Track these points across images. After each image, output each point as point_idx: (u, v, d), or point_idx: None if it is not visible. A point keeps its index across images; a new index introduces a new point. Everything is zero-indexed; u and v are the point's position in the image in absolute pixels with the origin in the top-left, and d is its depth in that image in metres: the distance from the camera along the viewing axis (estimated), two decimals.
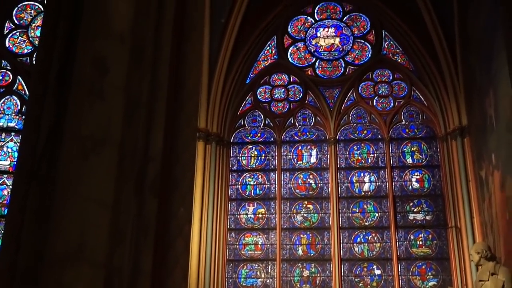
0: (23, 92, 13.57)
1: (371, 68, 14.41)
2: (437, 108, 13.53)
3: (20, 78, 13.71)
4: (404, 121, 13.87)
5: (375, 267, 12.68)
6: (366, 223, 13.04)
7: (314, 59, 14.69)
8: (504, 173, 9.77)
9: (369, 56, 14.49)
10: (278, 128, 14.11)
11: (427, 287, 12.40)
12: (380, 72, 14.39)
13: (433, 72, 13.64)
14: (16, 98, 13.61)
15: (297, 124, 14.21)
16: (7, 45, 14.01)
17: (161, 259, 3.94)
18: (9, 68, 13.82)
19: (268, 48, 14.78)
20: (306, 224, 13.21)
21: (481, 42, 11.03)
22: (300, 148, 13.94)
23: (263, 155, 13.96)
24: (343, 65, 14.53)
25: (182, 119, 4.39)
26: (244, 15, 14.07)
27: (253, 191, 13.64)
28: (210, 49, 13.83)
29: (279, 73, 14.72)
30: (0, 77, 13.70)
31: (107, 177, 3.61)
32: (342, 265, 12.68)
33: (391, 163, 13.40)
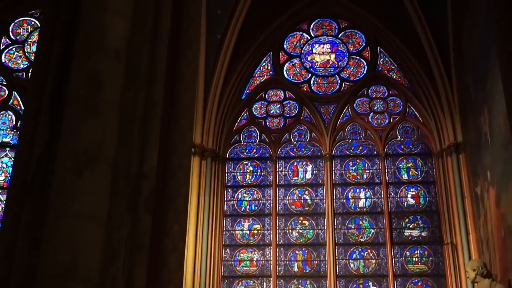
0: (19, 107, 13.57)
1: (366, 84, 14.48)
2: (432, 124, 13.56)
3: (16, 93, 13.73)
4: (399, 137, 13.89)
5: (371, 283, 12.62)
6: (361, 239, 13.00)
7: (309, 75, 14.75)
8: (499, 190, 9.76)
9: (365, 72, 14.56)
10: (273, 144, 14.11)
11: None
12: (375, 88, 14.45)
13: (428, 88, 13.70)
14: (11, 113, 13.60)
15: (293, 140, 14.21)
16: (3, 61, 14.04)
17: (154, 277, 3.90)
18: (5, 83, 13.84)
19: (264, 64, 14.84)
20: (301, 240, 13.17)
21: (475, 59, 11.09)
22: (295, 164, 13.93)
23: (259, 171, 13.94)
24: (339, 81, 14.59)
25: (177, 136, 4.37)
26: (240, 31, 14.13)
27: (248, 207, 13.60)
28: (206, 65, 13.86)
29: (275, 89, 14.76)
30: None
31: (100, 194, 3.59)
32: (337, 282, 12.61)
33: (387, 179, 13.40)
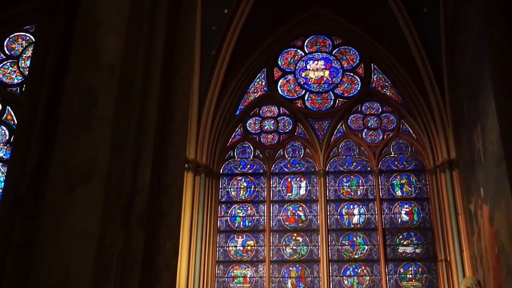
0: (12, 122, 13.53)
1: (360, 100, 14.55)
2: (426, 141, 13.61)
3: (9, 108, 13.70)
4: (393, 153, 13.93)
5: None
6: (355, 256, 12.97)
7: (303, 91, 14.81)
8: (492, 207, 9.78)
9: (358, 89, 14.64)
10: (267, 159, 14.11)
11: None
12: (369, 104, 14.52)
13: (421, 105, 13.78)
14: (5, 128, 13.56)
15: (287, 156, 14.22)
16: None
17: None
18: None
19: (258, 80, 14.90)
20: (295, 256, 13.12)
21: (468, 76, 11.16)
22: (289, 180, 13.93)
23: (253, 186, 13.92)
24: (333, 98, 14.64)
25: (170, 152, 4.36)
26: (234, 47, 14.19)
27: (242, 223, 13.57)
28: (200, 80, 13.89)
29: (269, 105, 14.81)
30: None
31: (93, 210, 3.57)
32: None
33: (381, 195, 13.42)
